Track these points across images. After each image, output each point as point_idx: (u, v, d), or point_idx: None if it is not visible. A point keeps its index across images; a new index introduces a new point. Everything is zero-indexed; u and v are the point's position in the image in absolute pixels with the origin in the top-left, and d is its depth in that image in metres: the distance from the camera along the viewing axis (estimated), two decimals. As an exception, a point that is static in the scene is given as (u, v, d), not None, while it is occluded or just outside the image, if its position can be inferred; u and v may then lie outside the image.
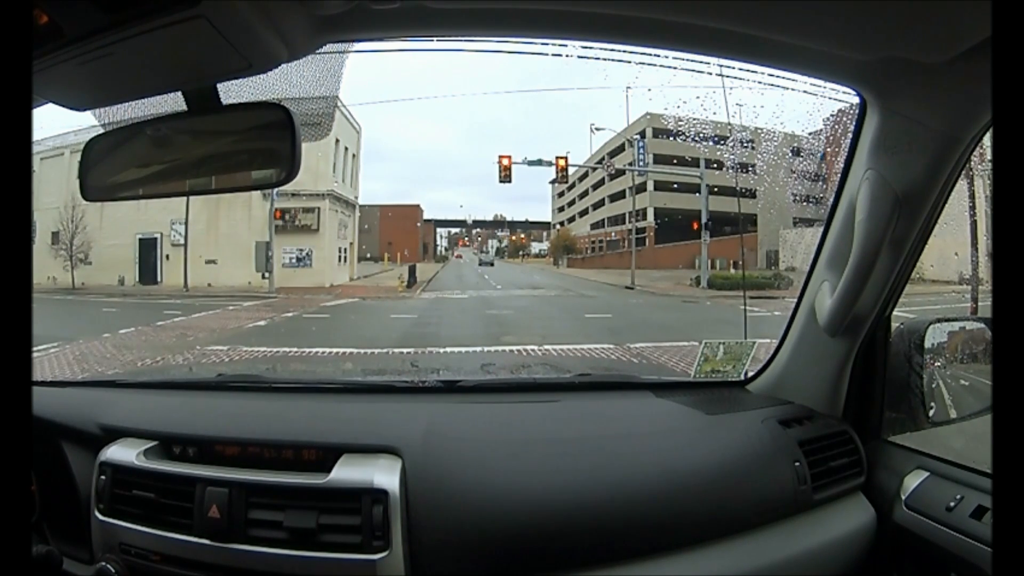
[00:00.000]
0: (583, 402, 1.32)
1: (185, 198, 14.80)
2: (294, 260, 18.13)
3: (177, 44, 0.68)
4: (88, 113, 0.86)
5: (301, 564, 0.94)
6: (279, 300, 14.47)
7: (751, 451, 1.13)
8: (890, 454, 1.21)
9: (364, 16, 0.76)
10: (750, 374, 1.44)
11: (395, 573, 0.94)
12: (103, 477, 1.08)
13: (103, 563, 1.03)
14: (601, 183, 28.20)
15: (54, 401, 1.28)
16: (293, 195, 17.58)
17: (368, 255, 25.41)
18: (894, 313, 1.20)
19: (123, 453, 1.09)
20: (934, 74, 0.83)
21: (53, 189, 15.00)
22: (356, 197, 21.71)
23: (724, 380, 1.51)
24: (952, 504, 1.02)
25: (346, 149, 20.12)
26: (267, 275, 16.50)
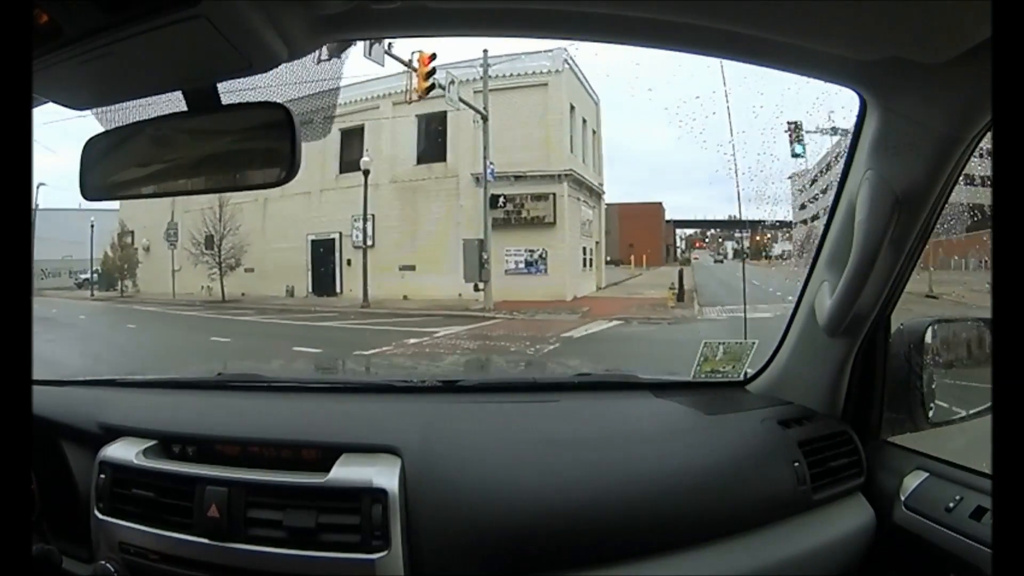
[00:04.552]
0: (582, 402, 1.32)
1: (367, 190, 13.26)
2: (521, 265, 13.55)
3: (177, 44, 0.68)
4: (88, 113, 0.86)
5: (300, 563, 0.94)
6: (496, 324, 9.99)
7: (750, 451, 1.13)
8: (890, 454, 1.21)
9: (364, 16, 0.76)
10: (750, 374, 1.44)
11: (394, 572, 0.94)
12: (103, 476, 1.08)
13: (103, 562, 1.03)
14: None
15: (54, 400, 1.28)
16: (517, 178, 12.97)
17: (607, 258, 19.95)
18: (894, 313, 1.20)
19: (123, 452, 1.09)
20: (934, 74, 0.83)
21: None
22: (601, 184, 16.45)
23: (723, 380, 1.51)
24: (952, 505, 1.02)
25: (584, 121, 15.08)
26: (481, 285, 11.74)
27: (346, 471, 0.99)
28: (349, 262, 14.60)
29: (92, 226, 17.84)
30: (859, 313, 1.13)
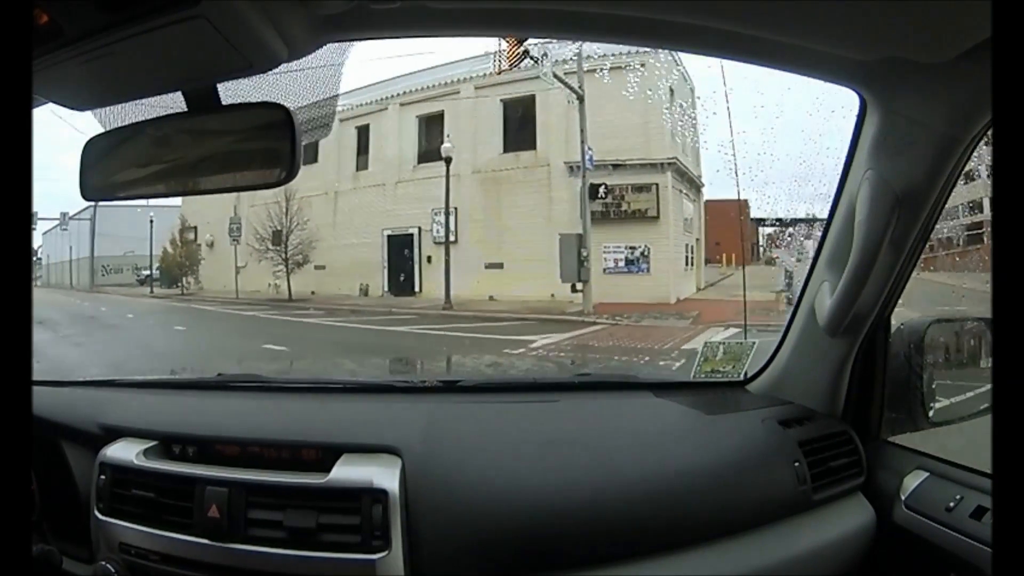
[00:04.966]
0: (583, 402, 1.32)
1: (449, 180, 12.15)
2: (621, 263, 12.07)
3: (177, 44, 0.68)
4: (88, 113, 0.86)
5: (300, 564, 0.94)
6: (600, 331, 8.68)
7: (751, 451, 1.13)
8: (890, 454, 1.21)
9: (364, 16, 0.76)
10: (750, 374, 1.44)
11: (394, 573, 0.94)
12: (103, 477, 1.08)
13: (103, 562, 1.03)
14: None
15: (54, 401, 1.28)
16: (616, 166, 11.63)
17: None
18: (894, 313, 1.21)
19: (123, 453, 1.09)
20: (934, 74, 0.83)
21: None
22: (699, 176, 14.68)
23: (724, 380, 1.51)
24: (952, 504, 1.02)
25: (682, 107, 13.10)
26: (579, 286, 10.50)
27: (346, 471, 0.99)
28: (429, 259, 13.35)
29: (151, 222, 17.51)
30: (859, 313, 1.13)
